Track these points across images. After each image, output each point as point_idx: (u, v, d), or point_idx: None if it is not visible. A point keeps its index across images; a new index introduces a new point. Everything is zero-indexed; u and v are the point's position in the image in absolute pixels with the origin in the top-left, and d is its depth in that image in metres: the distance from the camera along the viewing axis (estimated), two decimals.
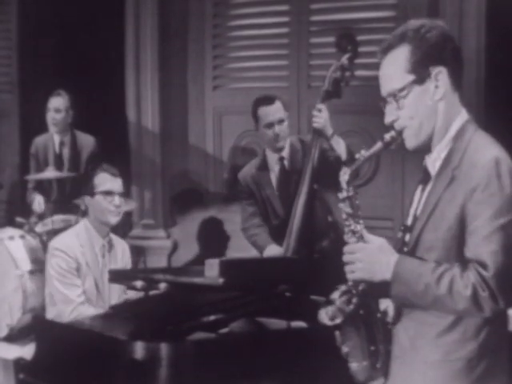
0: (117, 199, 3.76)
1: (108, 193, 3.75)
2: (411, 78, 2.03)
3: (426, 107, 2.05)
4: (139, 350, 2.66)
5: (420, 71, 2.03)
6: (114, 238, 3.93)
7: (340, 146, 3.87)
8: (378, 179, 5.29)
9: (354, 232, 2.10)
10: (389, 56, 2.07)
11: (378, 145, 2.11)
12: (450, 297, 1.92)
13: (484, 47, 4.84)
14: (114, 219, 3.78)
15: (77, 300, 3.65)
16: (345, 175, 2.12)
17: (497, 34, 4.76)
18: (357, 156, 2.14)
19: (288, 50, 5.68)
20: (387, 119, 2.10)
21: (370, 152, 2.12)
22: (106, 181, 3.78)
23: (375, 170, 5.27)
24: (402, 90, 2.04)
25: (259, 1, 5.77)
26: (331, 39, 4.47)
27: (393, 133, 2.09)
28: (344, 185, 2.12)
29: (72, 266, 3.69)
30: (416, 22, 2.07)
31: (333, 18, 5.47)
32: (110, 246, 3.85)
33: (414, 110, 2.05)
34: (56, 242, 3.80)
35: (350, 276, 2.08)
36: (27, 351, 3.10)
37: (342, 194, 2.13)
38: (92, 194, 3.78)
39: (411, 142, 2.08)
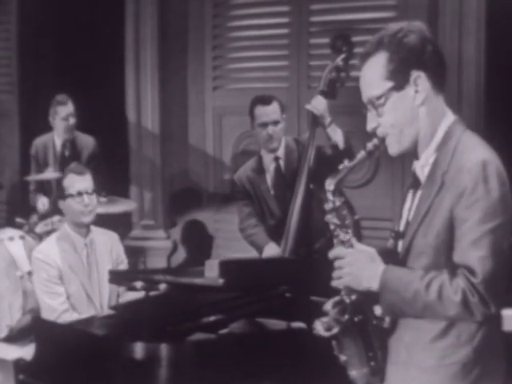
0: (86, 198, 3.74)
1: (77, 194, 3.74)
2: (389, 84, 2.00)
3: (406, 113, 2.01)
4: (139, 350, 2.66)
5: (398, 77, 2.00)
6: (98, 232, 3.89)
7: (337, 135, 3.87)
8: (378, 180, 5.29)
9: (343, 242, 2.09)
10: (367, 63, 2.04)
11: (361, 154, 2.09)
12: (440, 303, 1.91)
13: (484, 47, 4.83)
14: (86, 219, 3.76)
15: (59, 308, 3.65)
16: (330, 186, 2.10)
17: (497, 34, 4.76)
18: (340, 167, 2.11)
19: (288, 50, 5.68)
20: (368, 126, 2.07)
21: (354, 162, 2.10)
22: (74, 182, 3.77)
23: (375, 170, 5.28)
24: (379, 97, 2.01)
25: (259, 1, 5.77)
26: None
27: (375, 141, 2.06)
28: (330, 196, 2.10)
29: (52, 273, 3.69)
30: (394, 27, 2.03)
31: (333, 18, 5.47)
32: (93, 244, 3.82)
33: (394, 117, 2.02)
34: (36, 252, 3.80)
35: (337, 282, 2.06)
36: (27, 352, 3.10)
37: (329, 205, 2.11)
38: (63, 197, 3.78)
39: (394, 148, 2.06)
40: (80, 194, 3.75)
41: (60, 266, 3.71)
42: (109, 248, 3.88)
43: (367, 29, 5.18)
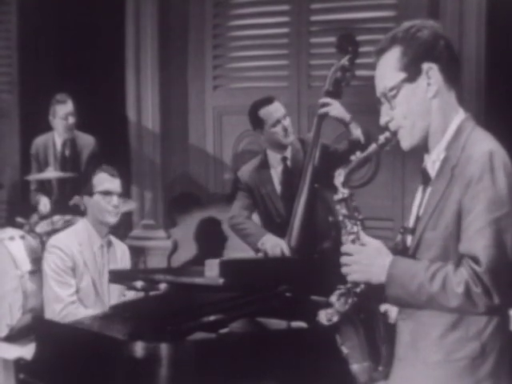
0: (115, 199, 3.78)
1: (106, 193, 3.77)
2: (402, 76, 2.03)
3: (418, 105, 2.04)
4: (139, 350, 2.66)
5: (411, 69, 2.02)
6: (114, 239, 3.94)
7: (358, 131, 3.88)
8: (378, 179, 5.29)
9: (350, 233, 2.09)
10: (382, 59, 2.07)
11: (373, 146, 2.10)
12: (444, 294, 1.91)
13: (484, 47, 4.83)
14: (112, 219, 3.79)
15: (67, 299, 3.66)
16: (339, 177, 2.11)
17: (497, 34, 4.76)
18: (352, 158, 2.13)
19: (288, 49, 5.68)
20: (382, 120, 2.09)
21: (365, 154, 2.11)
22: (105, 181, 3.80)
23: (375, 170, 5.27)
24: (392, 88, 2.04)
25: (259, 1, 5.78)
26: (331, 39, 4.48)
27: (387, 134, 2.08)
28: (339, 186, 2.11)
29: (67, 264, 3.70)
30: (407, 23, 2.07)
31: (333, 17, 5.48)
32: (109, 246, 3.86)
33: (407, 109, 2.04)
34: (53, 240, 3.82)
35: (347, 278, 2.07)
36: (27, 351, 3.10)
37: (338, 196, 2.12)
38: (91, 193, 3.80)
39: (406, 141, 2.07)
40: (110, 193, 3.78)
41: (76, 259, 3.72)
42: (120, 256, 3.92)
43: (367, 28, 5.19)
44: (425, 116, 2.04)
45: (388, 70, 2.06)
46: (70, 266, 3.71)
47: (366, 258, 2.04)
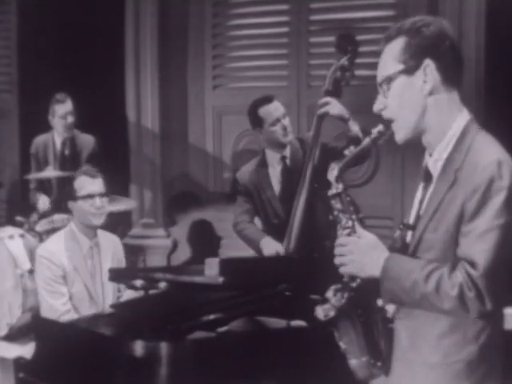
0: (98, 201, 3.74)
1: (88, 196, 3.74)
2: (400, 67, 2.03)
3: (412, 100, 2.03)
4: (139, 349, 2.66)
5: (409, 62, 2.02)
6: (103, 235, 3.90)
7: (356, 128, 3.89)
8: (378, 179, 5.29)
9: (345, 228, 2.10)
10: (386, 47, 2.07)
11: (366, 141, 2.11)
12: (437, 295, 1.91)
13: (484, 47, 4.84)
14: (97, 221, 3.76)
15: (61, 309, 3.65)
16: (333, 171, 2.11)
17: (497, 33, 4.77)
18: (346, 152, 2.13)
19: (288, 49, 5.68)
20: (375, 107, 2.09)
21: (358, 148, 2.12)
22: (86, 184, 3.76)
23: (375, 169, 5.27)
24: (388, 78, 2.04)
25: (259, 0, 5.77)
26: (331, 39, 4.49)
27: (380, 127, 2.08)
28: (333, 181, 2.12)
29: (57, 273, 3.68)
30: (418, 17, 2.07)
31: (332, 17, 5.48)
32: (98, 247, 3.83)
33: (399, 101, 2.04)
34: (41, 250, 3.80)
35: (341, 269, 2.07)
36: (27, 350, 3.10)
37: (332, 191, 2.13)
38: (73, 198, 3.76)
39: (399, 135, 2.07)
40: (92, 196, 3.74)
41: (65, 266, 3.70)
42: (112, 252, 3.89)
43: (367, 27, 5.20)
44: (418, 112, 2.03)
45: (389, 59, 2.06)
46: (60, 275, 3.69)
47: (360, 249, 2.04)
